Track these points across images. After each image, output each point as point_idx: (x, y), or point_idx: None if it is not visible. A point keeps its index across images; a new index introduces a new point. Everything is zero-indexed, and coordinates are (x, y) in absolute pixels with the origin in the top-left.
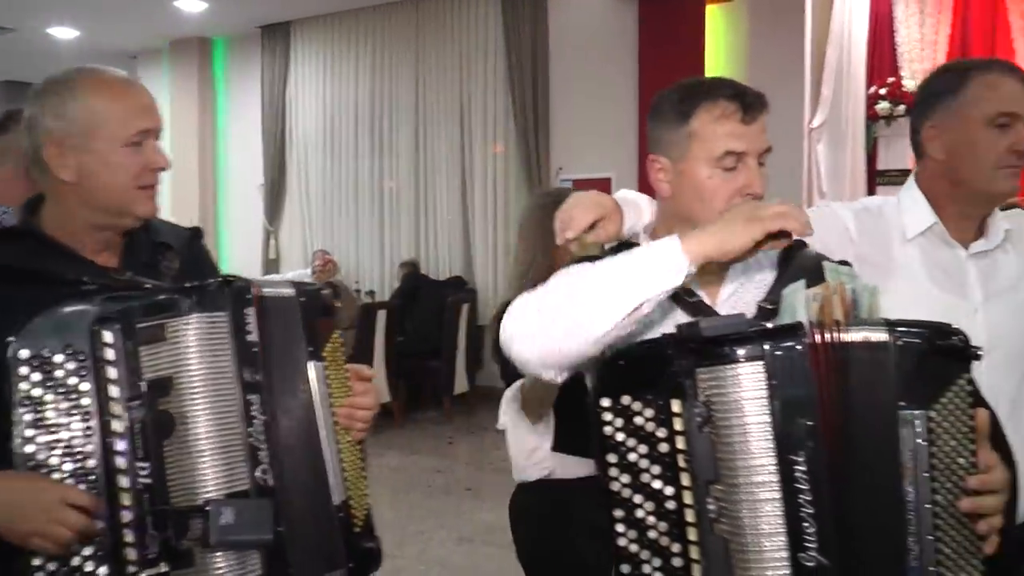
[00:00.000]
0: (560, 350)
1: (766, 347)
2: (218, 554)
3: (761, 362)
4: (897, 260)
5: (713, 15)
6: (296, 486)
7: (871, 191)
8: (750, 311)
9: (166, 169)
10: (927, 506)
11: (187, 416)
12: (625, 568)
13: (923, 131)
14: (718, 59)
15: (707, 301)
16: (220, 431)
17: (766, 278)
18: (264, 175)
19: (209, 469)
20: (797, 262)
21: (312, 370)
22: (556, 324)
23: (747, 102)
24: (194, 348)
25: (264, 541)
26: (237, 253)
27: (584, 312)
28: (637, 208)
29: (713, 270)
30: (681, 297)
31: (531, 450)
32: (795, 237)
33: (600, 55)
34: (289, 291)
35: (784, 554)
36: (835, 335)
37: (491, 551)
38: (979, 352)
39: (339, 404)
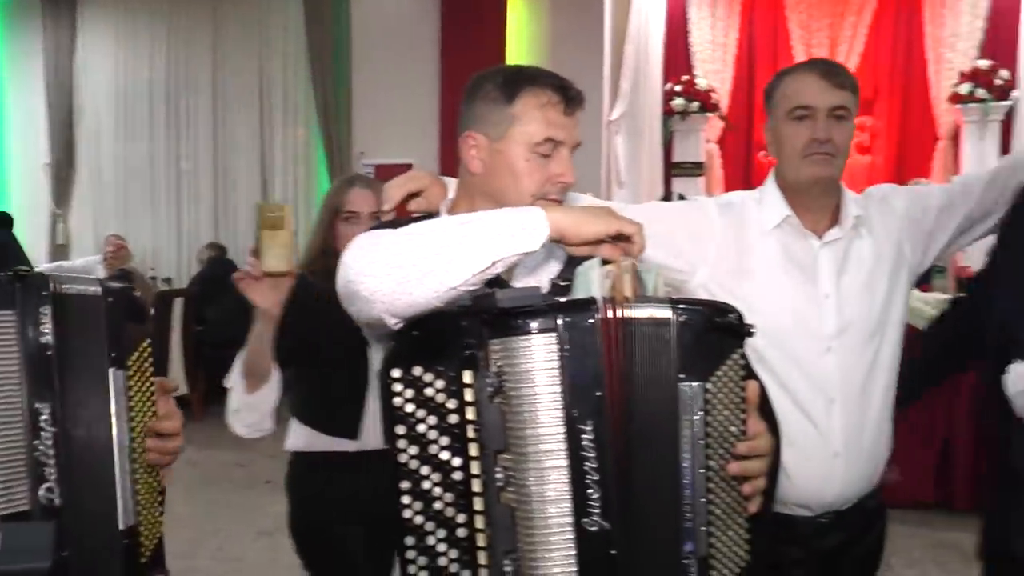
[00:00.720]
0: (412, 295)
1: (559, 320)
2: None
3: (554, 334)
4: (755, 252)
5: (515, 6)
6: (84, 507)
7: (667, 182)
8: (545, 287)
9: None
10: (701, 471)
11: None
12: (409, 540)
13: (765, 132)
14: (520, 50)
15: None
16: None
17: (561, 258)
18: (50, 154)
19: None
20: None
21: (113, 379)
22: (413, 268)
23: (570, 95)
24: None
25: (39, 570)
26: (20, 239)
27: (442, 261)
28: (449, 186)
29: None
30: None
31: (234, 410)
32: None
33: (403, 42)
34: (95, 289)
35: (568, 519)
36: (624, 311)
37: (290, 542)
38: (752, 329)
39: (140, 419)
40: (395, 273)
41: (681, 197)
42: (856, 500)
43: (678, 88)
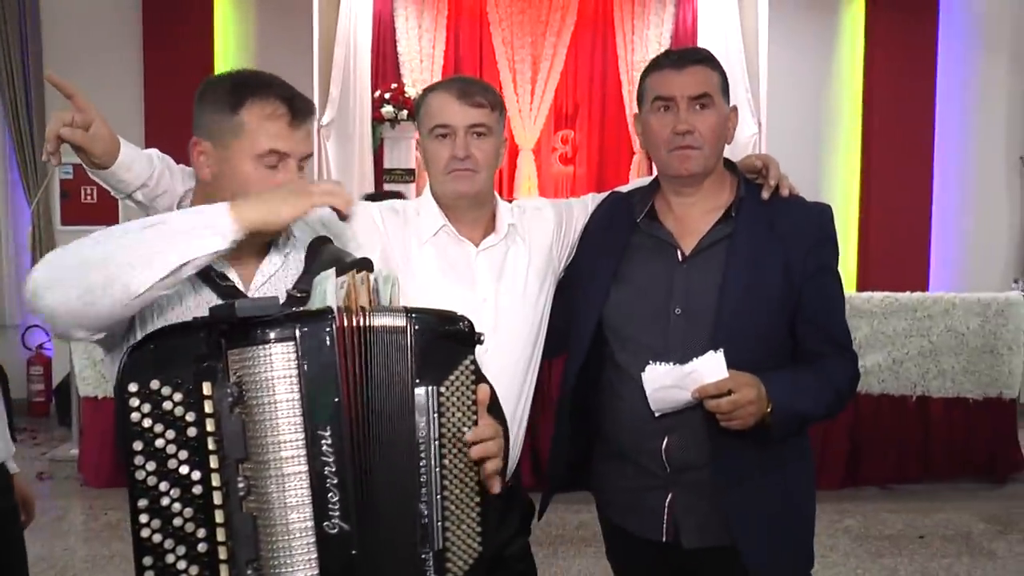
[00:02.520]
0: (95, 304)
1: (296, 330)
2: None
3: (292, 343)
4: (414, 259)
5: (221, 5)
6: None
7: (378, 187)
8: (281, 299)
9: None
10: (437, 469)
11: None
12: (147, 560)
13: (416, 147)
14: (227, 50)
15: (240, 286)
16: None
17: (296, 271)
18: None
19: None
20: (323, 255)
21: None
22: (94, 274)
23: (296, 106)
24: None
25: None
26: None
27: (125, 266)
28: (171, 171)
29: (251, 255)
30: (214, 280)
31: None
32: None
33: (102, 35)
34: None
35: (309, 524)
36: (359, 319)
37: None
38: (482, 337)
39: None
40: (79, 285)
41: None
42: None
43: (387, 95)
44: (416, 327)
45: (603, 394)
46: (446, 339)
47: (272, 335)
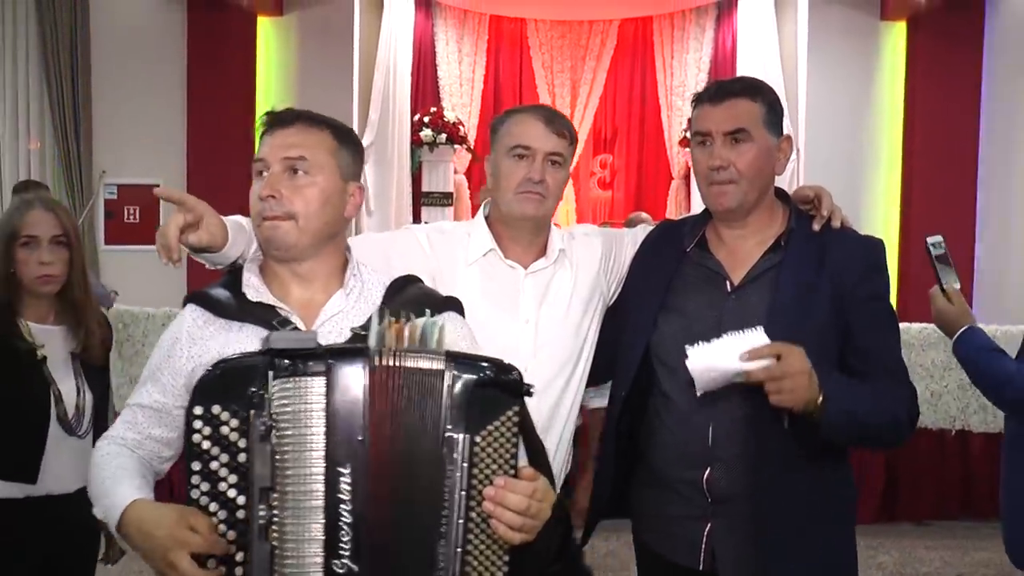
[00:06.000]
0: None
1: (330, 364)
2: None
3: (323, 378)
4: (459, 279)
5: (264, 27)
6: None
7: (416, 211)
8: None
9: None
10: (460, 521)
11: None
12: None
13: (486, 163)
14: (269, 72)
15: (300, 327)
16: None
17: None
18: None
19: None
20: (407, 294)
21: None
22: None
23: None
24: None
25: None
26: None
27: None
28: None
29: (319, 296)
30: (273, 326)
31: None
32: None
33: (148, 58)
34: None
35: (319, 560)
36: (396, 360)
37: None
38: (532, 389)
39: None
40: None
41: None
42: None
43: (426, 119)
44: (455, 371)
45: (648, 421)
46: (490, 387)
47: (305, 368)
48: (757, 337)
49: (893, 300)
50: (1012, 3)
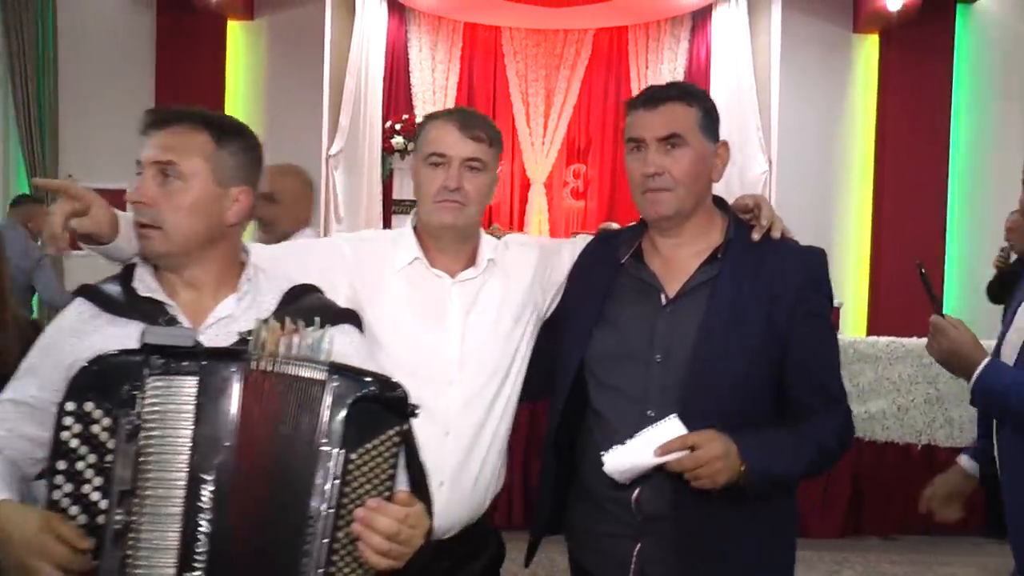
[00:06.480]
0: None
1: (203, 364)
2: None
3: (196, 378)
4: (385, 288)
5: (234, 31)
6: None
7: (387, 218)
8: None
9: None
10: (325, 541)
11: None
12: None
13: (411, 172)
14: (238, 77)
15: (186, 319)
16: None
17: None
18: None
19: None
20: (303, 303)
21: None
22: None
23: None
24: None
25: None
26: None
27: None
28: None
29: (210, 299)
30: (158, 322)
31: None
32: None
33: (116, 61)
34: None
35: (171, 571)
36: (275, 366)
37: None
38: (416, 410)
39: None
40: None
41: None
42: (460, 529)
43: (398, 126)
44: (336, 384)
45: (582, 436)
46: (373, 403)
47: (179, 367)
48: (672, 428)
49: (863, 312)
50: (983, 16)
